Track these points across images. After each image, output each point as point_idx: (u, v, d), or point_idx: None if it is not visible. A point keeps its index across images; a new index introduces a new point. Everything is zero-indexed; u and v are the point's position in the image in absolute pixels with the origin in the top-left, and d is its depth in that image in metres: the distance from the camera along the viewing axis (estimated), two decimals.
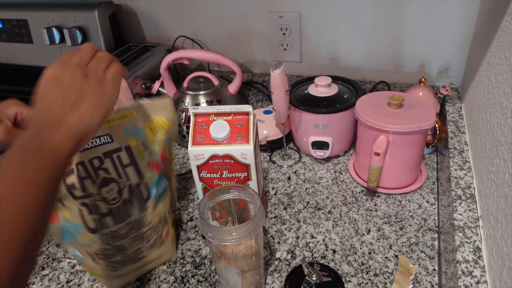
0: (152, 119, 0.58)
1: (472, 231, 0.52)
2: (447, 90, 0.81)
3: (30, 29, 1.09)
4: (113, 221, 0.54)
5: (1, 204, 0.30)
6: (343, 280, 0.58)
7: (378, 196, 0.74)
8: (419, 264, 0.60)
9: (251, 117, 0.59)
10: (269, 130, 0.87)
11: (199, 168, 0.60)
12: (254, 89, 1.05)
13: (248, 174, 0.60)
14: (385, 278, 0.59)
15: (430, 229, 0.66)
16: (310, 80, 0.86)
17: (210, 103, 0.90)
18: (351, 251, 0.64)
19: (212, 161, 0.59)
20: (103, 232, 0.54)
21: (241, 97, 0.99)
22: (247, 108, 0.59)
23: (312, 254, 0.64)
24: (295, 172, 0.83)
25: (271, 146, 0.89)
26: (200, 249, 0.67)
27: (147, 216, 0.58)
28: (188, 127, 0.91)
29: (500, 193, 0.46)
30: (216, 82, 0.92)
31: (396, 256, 0.62)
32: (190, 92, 0.91)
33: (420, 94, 0.80)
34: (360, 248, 0.64)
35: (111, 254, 0.57)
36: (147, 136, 0.56)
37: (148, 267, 0.62)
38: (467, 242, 0.51)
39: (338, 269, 0.61)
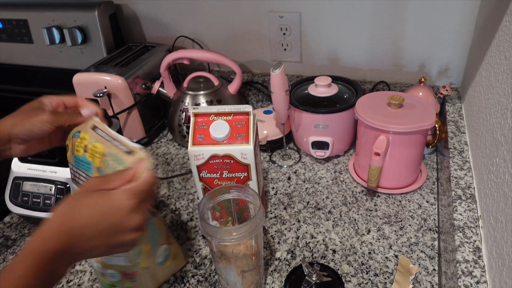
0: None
1: (472, 231, 0.52)
2: (447, 90, 0.81)
3: (30, 29, 1.09)
4: None
5: None
6: (343, 280, 0.58)
7: (378, 196, 0.74)
8: (419, 264, 0.60)
9: (251, 117, 0.59)
10: (269, 130, 0.87)
11: (199, 168, 0.60)
12: (254, 89, 1.05)
13: (248, 174, 0.60)
14: (385, 278, 0.59)
15: (430, 229, 0.66)
16: (310, 80, 0.86)
17: (210, 103, 0.90)
18: (351, 251, 0.64)
19: (212, 161, 0.59)
20: (154, 212, 0.57)
21: (241, 97, 0.99)
22: (247, 108, 0.59)
23: (312, 254, 0.64)
24: (295, 172, 0.83)
25: (271, 146, 0.89)
26: (200, 249, 0.67)
27: None
28: (188, 127, 0.91)
29: (500, 193, 0.46)
30: (216, 82, 0.92)
31: (396, 256, 0.62)
32: (190, 92, 0.91)
33: (420, 94, 0.80)
34: (360, 248, 0.64)
35: (166, 230, 0.60)
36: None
37: None
38: (467, 242, 0.51)
39: (338, 269, 0.61)
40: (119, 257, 0.53)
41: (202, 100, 0.90)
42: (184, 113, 0.91)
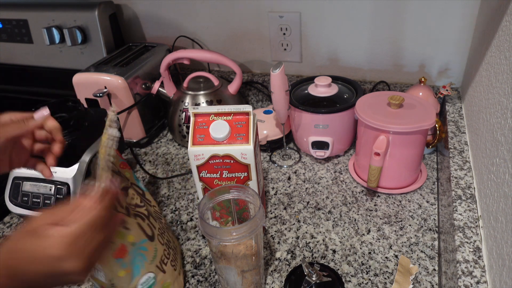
0: None
1: (472, 231, 0.52)
2: (447, 90, 0.81)
3: (30, 29, 1.09)
4: (153, 219, 0.55)
5: None
6: (343, 280, 0.58)
7: (378, 196, 0.74)
8: (419, 264, 0.60)
9: (251, 117, 0.59)
10: (269, 130, 0.87)
11: (199, 168, 0.60)
12: (254, 89, 1.05)
13: (248, 174, 0.60)
14: (385, 278, 0.59)
15: (430, 229, 0.66)
16: (310, 80, 0.86)
17: (210, 103, 0.90)
18: (351, 251, 0.64)
19: (212, 161, 0.59)
20: (156, 234, 0.54)
21: (241, 97, 0.99)
22: (247, 108, 0.59)
23: (312, 254, 0.64)
24: (295, 172, 0.83)
25: (271, 146, 0.89)
26: (200, 249, 0.67)
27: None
28: (188, 127, 0.91)
29: (500, 193, 0.46)
30: (216, 82, 0.92)
31: (396, 256, 0.62)
32: (190, 92, 0.91)
33: (420, 94, 0.80)
34: (360, 248, 0.64)
35: (167, 254, 0.57)
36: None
37: None
38: (467, 242, 0.51)
39: (338, 269, 0.61)
40: (99, 272, 0.51)
41: (202, 100, 0.90)
42: (184, 113, 0.91)
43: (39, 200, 0.69)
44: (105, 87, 0.86)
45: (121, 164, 0.56)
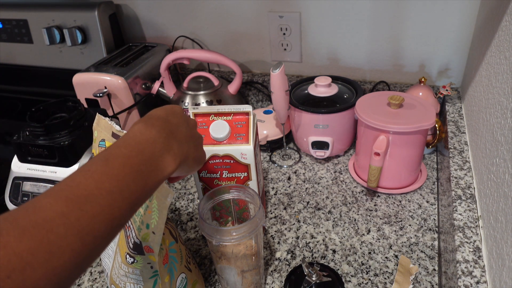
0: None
1: (472, 231, 0.52)
2: (447, 90, 0.81)
3: (30, 29, 1.09)
4: (170, 221, 0.55)
5: (97, 192, 0.30)
6: (343, 280, 0.58)
7: (378, 196, 0.74)
8: (419, 264, 0.60)
9: (251, 117, 0.59)
10: (269, 130, 0.87)
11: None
12: (254, 89, 1.05)
13: (248, 174, 0.60)
14: (385, 278, 0.59)
15: (430, 229, 0.66)
16: (310, 80, 0.86)
17: (210, 103, 0.90)
18: (351, 251, 0.64)
19: (212, 161, 0.59)
20: (177, 235, 0.54)
21: (241, 97, 0.99)
22: (247, 108, 0.59)
23: (312, 254, 0.64)
24: (295, 172, 0.83)
25: (271, 146, 0.89)
26: (200, 249, 0.67)
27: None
28: None
29: (500, 193, 0.46)
30: (216, 82, 0.92)
31: (396, 256, 0.62)
32: (190, 92, 0.91)
33: (420, 94, 0.80)
34: (360, 248, 0.64)
35: (187, 253, 0.57)
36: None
37: None
38: (467, 242, 0.51)
39: (338, 269, 0.61)
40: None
41: (202, 100, 0.90)
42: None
43: None
44: (105, 87, 0.86)
45: None
